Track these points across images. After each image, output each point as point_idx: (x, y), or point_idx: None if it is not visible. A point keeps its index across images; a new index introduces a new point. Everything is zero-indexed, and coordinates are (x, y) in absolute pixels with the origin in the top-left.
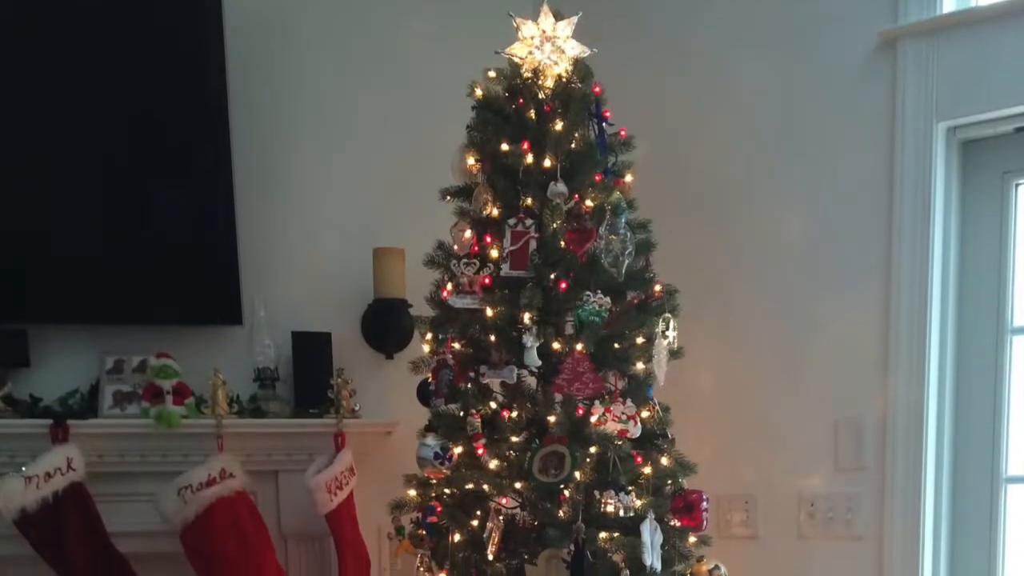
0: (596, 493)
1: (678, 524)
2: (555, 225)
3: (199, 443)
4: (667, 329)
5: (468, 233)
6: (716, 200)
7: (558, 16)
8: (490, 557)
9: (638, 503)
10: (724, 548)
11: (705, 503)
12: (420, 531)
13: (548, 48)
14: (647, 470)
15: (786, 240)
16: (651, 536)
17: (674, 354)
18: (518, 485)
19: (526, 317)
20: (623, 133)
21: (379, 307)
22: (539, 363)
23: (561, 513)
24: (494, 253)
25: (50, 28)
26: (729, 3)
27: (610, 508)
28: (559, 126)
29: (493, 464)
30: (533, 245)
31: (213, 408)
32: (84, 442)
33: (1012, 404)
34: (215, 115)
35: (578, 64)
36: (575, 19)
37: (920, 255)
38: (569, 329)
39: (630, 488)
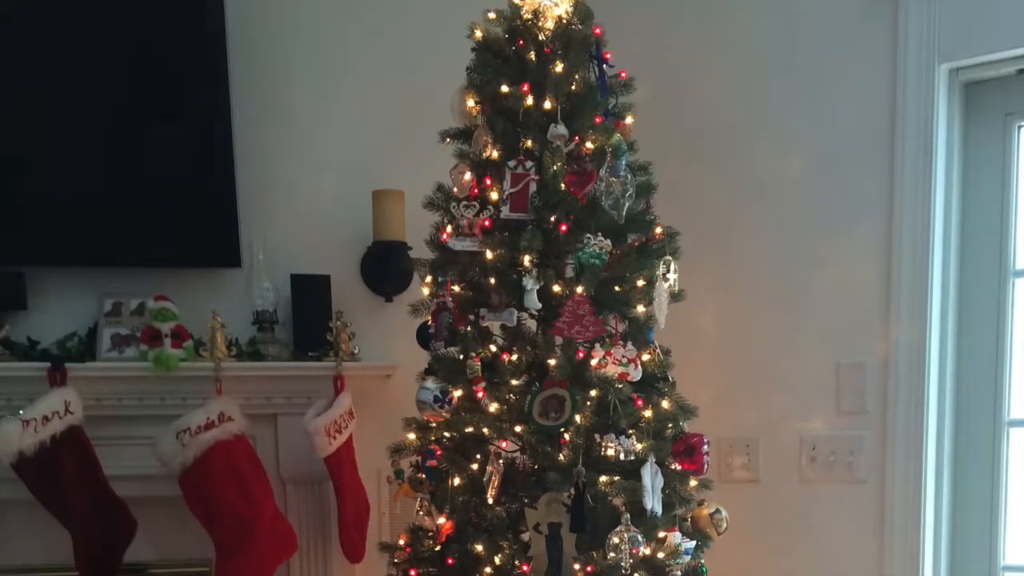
0: (596, 436)
1: (679, 468)
2: (555, 167)
3: (197, 386)
4: (668, 271)
5: (468, 175)
6: (717, 142)
7: None
8: (490, 501)
9: (639, 446)
10: (725, 492)
11: (706, 446)
12: (420, 475)
13: None
14: (648, 413)
15: (787, 182)
16: (652, 480)
17: (675, 297)
18: (518, 428)
19: (526, 259)
20: (623, 75)
21: (378, 249)
22: (539, 306)
23: (561, 457)
24: (494, 195)
25: None
26: None
27: (610, 451)
28: (559, 68)
29: (493, 407)
30: (533, 187)
31: (212, 351)
32: (82, 385)
33: (1014, 347)
34: (213, 54)
35: (578, 5)
36: None
37: (922, 197)
38: (569, 272)
39: (631, 431)
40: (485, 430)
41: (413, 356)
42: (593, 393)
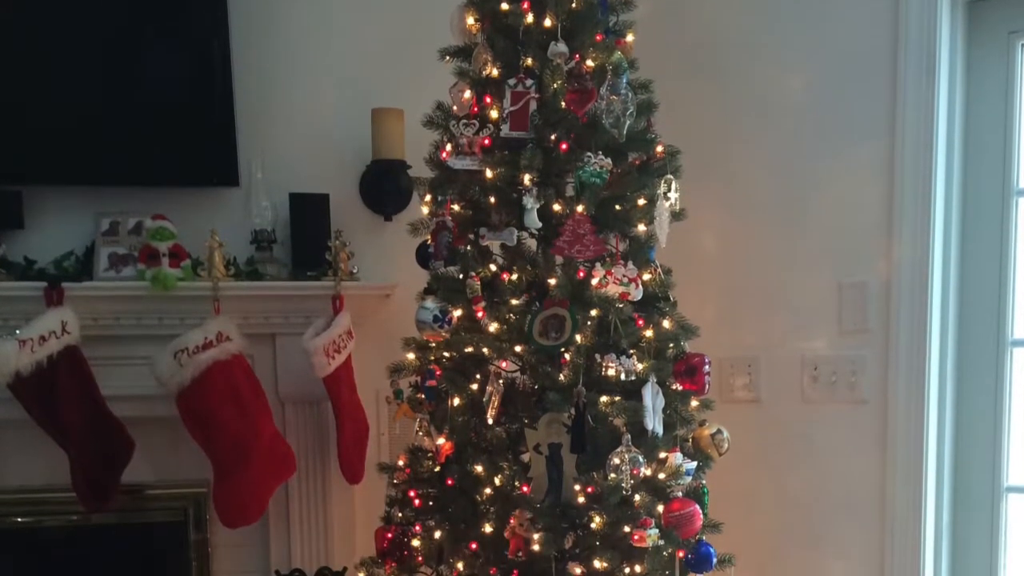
0: (597, 356)
1: (680, 388)
2: (555, 85)
3: (195, 306)
4: (669, 190)
5: (468, 94)
6: (718, 60)
7: None
8: (490, 421)
9: (639, 366)
10: (726, 412)
11: (707, 366)
12: (419, 395)
13: None
14: (649, 333)
15: (789, 100)
16: (652, 400)
17: (676, 216)
18: (518, 348)
19: (526, 178)
20: None
21: (378, 168)
22: (539, 225)
23: (561, 377)
24: (494, 114)
25: None
26: None
27: (611, 372)
28: None
29: (493, 327)
30: (533, 106)
31: (210, 270)
32: (79, 305)
33: (1017, 266)
34: None
35: None
36: None
37: (925, 115)
38: (570, 190)
39: (631, 351)
40: (485, 350)
41: (412, 275)
42: (594, 313)
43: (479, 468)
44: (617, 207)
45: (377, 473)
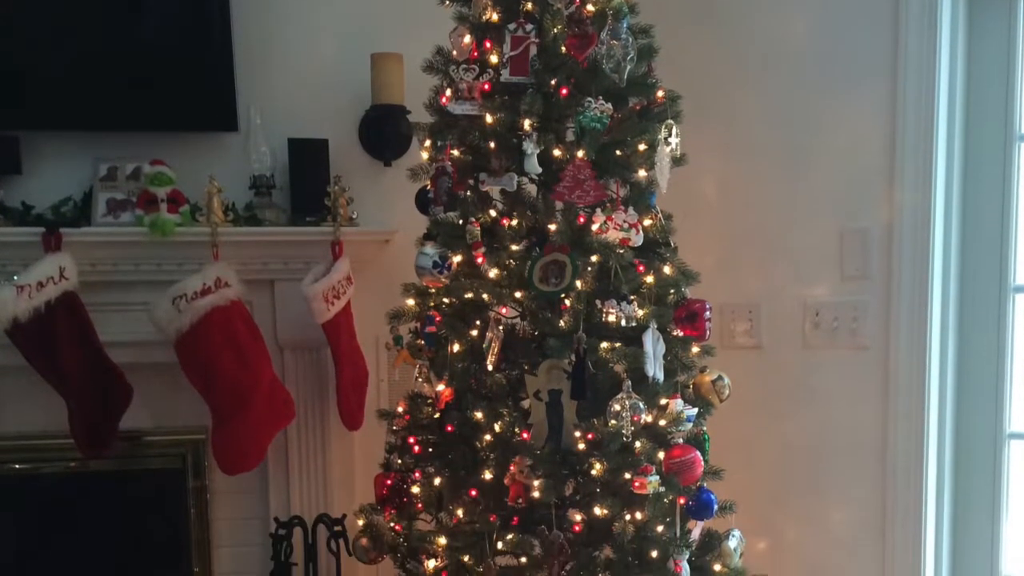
0: (597, 302)
1: (681, 334)
2: (556, 30)
3: (194, 252)
4: (669, 136)
5: (467, 38)
6: (719, 4)
7: None
8: (489, 367)
9: (640, 313)
10: (727, 358)
11: (708, 312)
12: (419, 341)
13: None
14: (649, 279)
15: (790, 45)
16: (653, 346)
17: (676, 161)
18: (518, 294)
19: (526, 123)
20: None
21: (377, 113)
22: (539, 170)
23: (562, 323)
24: (494, 59)
25: None
26: None
27: (611, 318)
28: None
29: (493, 273)
30: (533, 50)
31: (208, 216)
32: (77, 251)
33: (1020, 211)
34: None
35: None
36: None
37: (927, 60)
38: (570, 136)
39: (632, 297)
40: (485, 296)
41: (412, 221)
42: (594, 258)
43: (479, 415)
44: (618, 152)
45: (376, 420)
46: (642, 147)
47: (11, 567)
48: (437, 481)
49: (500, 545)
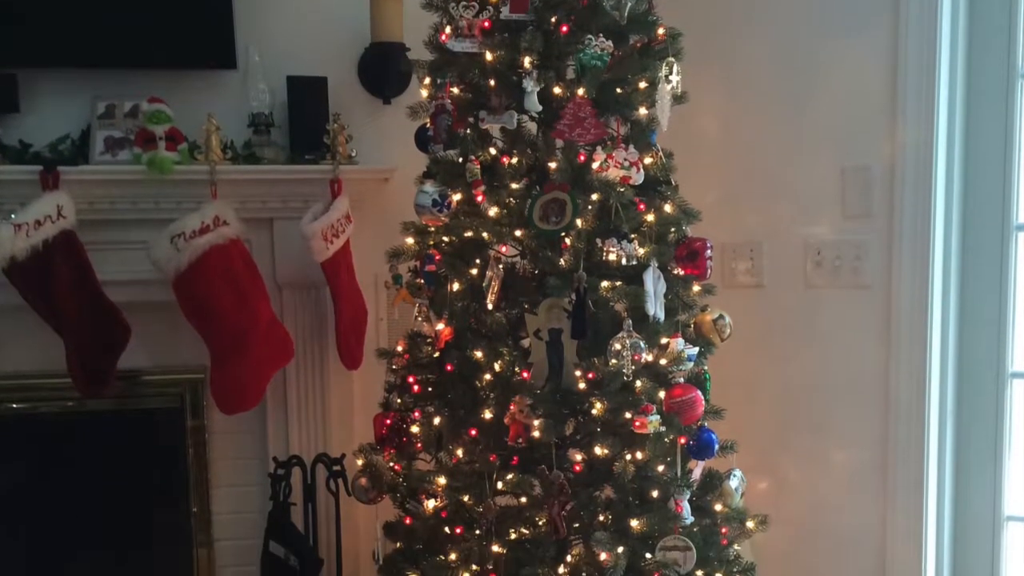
0: (598, 241)
1: (681, 273)
2: None
3: (192, 190)
4: (670, 73)
5: None
6: None
7: None
8: (489, 306)
9: (641, 251)
10: (729, 297)
11: (709, 251)
12: (418, 280)
13: None
14: (650, 217)
15: None
16: (654, 285)
17: (677, 99)
18: (518, 233)
19: (526, 61)
20: None
21: (376, 51)
22: (539, 108)
23: (562, 261)
24: None
25: None
26: None
27: (612, 256)
28: None
29: (492, 211)
30: None
31: (207, 154)
32: (75, 189)
33: (1022, 149)
34: None
35: None
36: None
37: None
38: (570, 73)
39: (632, 236)
40: (485, 234)
41: (411, 159)
42: (594, 197)
43: (479, 354)
44: (618, 90)
45: (376, 359)
46: (643, 85)
47: (8, 507)
48: (436, 421)
49: (500, 485)
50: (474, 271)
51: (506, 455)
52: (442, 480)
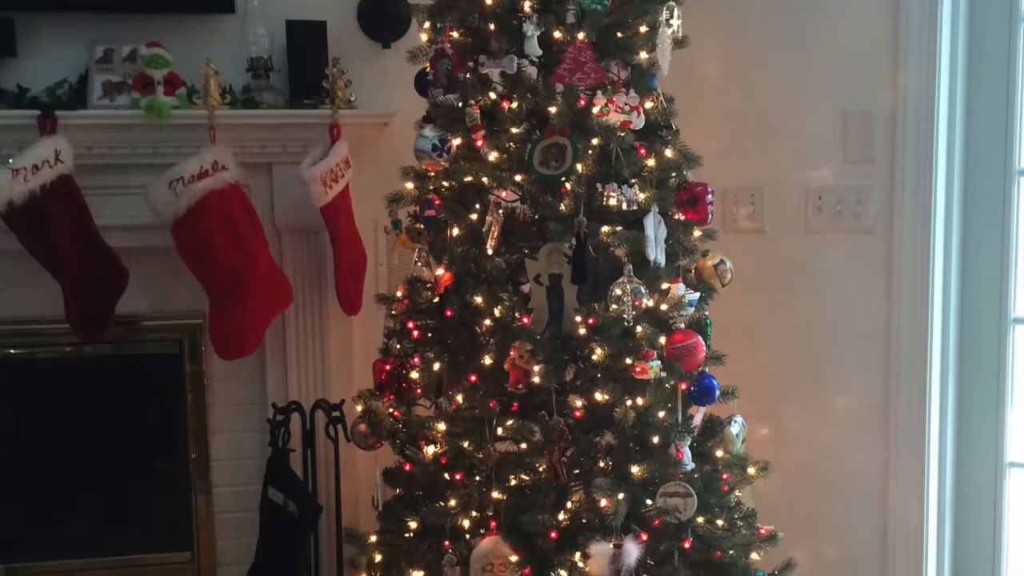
0: (598, 186)
1: (682, 218)
2: None
3: (191, 135)
4: (671, 17)
5: None
6: None
7: None
8: (489, 251)
9: (641, 196)
10: (730, 242)
11: (710, 196)
12: (418, 225)
13: None
14: (651, 162)
15: None
16: (655, 230)
17: (678, 43)
18: (518, 178)
19: (526, 5)
20: None
21: None
22: (540, 52)
23: (562, 206)
24: None
25: None
26: None
27: (612, 201)
28: None
29: (492, 156)
30: None
31: (205, 99)
32: (72, 134)
33: None
34: None
35: None
36: None
37: None
38: (571, 17)
39: (633, 181)
40: (484, 179)
41: (411, 103)
42: (595, 141)
43: (479, 299)
44: (618, 34)
45: (375, 304)
46: (643, 29)
47: (6, 453)
48: (436, 366)
49: (500, 431)
50: (474, 216)
51: (506, 401)
52: (442, 426)
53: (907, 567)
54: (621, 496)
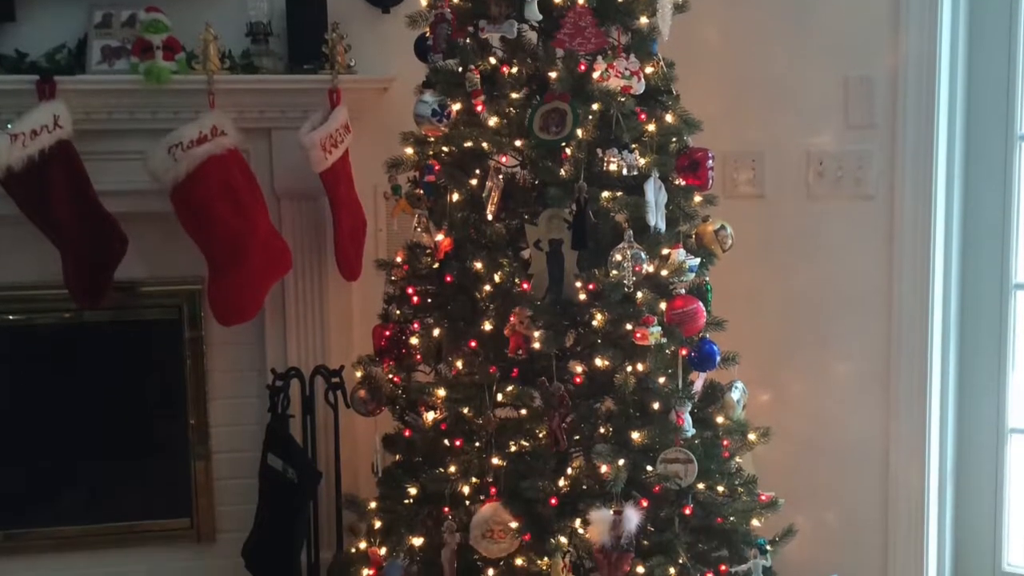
0: (598, 151)
1: (683, 183)
2: None
3: (190, 100)
4: None
5: None
6: None
7: None
8: (489, 217)
9: (642, 161)
10: (730, 207)
11: (711, 161)
12: (417, 190)
13: None
14: (651, 128)
15: None
16: (655, 195)
17: (678, 7)
18: (518, 143)
19: None
20: None
21: None
22: (540, 17)
23: (562, 172)
24: None
25: None
26: None
27: (613, 167)
28: None
29: (492, 121)
30: None
31: (204, 64)
32: (71, 99)
33: None
34: None
35: None
36: None
37: None
38: None
39: (633, 146)
40: (484, 144)
41: (411, 68)
42: (595, 107)
43: (478, 265)
44: None
45: (375, 270)
46: None
47: (5, 419)
48: (436, 332)
49: (500, 397)
50: (474, 181)
51: (506, 367)
52: (441, 392)
53: (908, 533)
54: (621, 462)
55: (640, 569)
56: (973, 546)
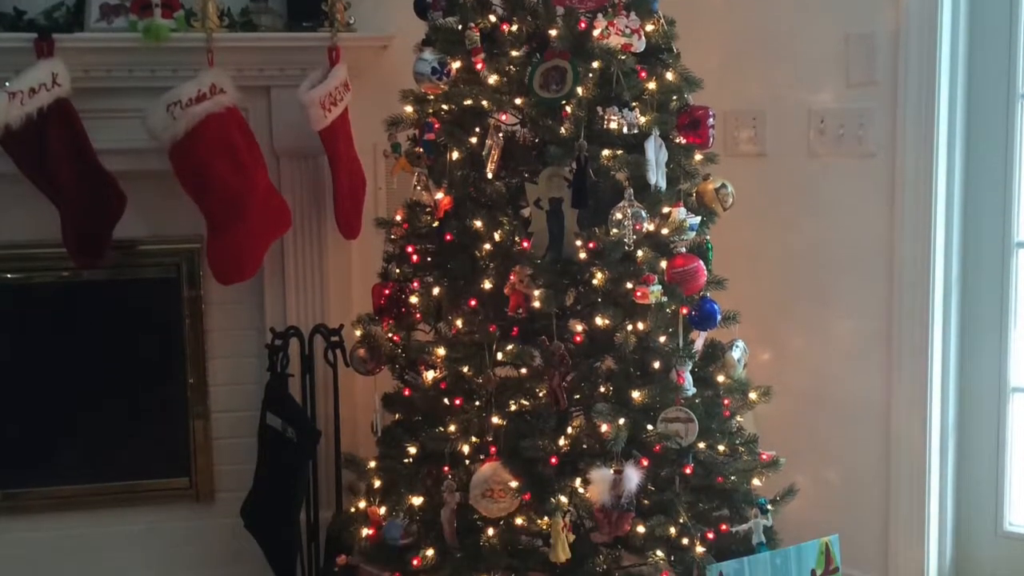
0: (599, 109)
1: (683, 141)
2: None
3: (189, 58)
4: None
5: None
6: None
7: None
8: (489, 175)
9: (642, 120)
10: (731, 166)
11: (711, 119)
12: (417, 148)
13: None
14: (651, 85)
15: None
16: (655, 154)
17: None
18: (518, 101)
19: None
20: None
21: None
22: None
23: (563, 130)
24: None
25: None
26: None
27: (613, 125)
28: None
29: (492, 79)
30: None
31: (203, 21)
32: (70, 57)
33: None
34: None
35: None
36: None
37: None
38: None
39: (634, 104)
40: (484, 102)
41: (410, 26)
42: (595, 64)
43: (478, 223)
44: None
45: (374, 228)
46: None
47: (3, 378)
48: (436, 291)
49: (500, 356)
50: (474, 140)
51: (506, 325)
52: (441, 351)
53: (910, 492)
54: (622, 421)
55: (640, 528)
56: (974, 506)
